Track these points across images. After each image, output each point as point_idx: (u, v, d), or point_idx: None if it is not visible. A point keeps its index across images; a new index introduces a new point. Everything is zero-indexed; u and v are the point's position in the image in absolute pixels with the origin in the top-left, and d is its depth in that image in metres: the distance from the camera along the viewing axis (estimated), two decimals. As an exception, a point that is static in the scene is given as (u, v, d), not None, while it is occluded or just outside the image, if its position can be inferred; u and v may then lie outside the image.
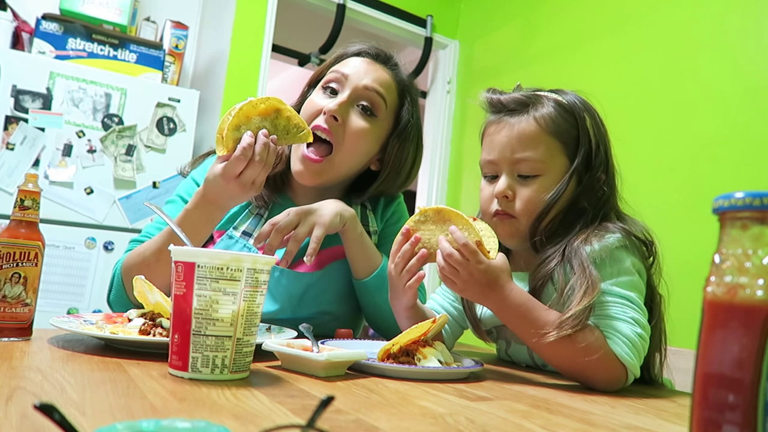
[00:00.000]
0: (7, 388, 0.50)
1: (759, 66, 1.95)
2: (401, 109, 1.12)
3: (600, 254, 0.81)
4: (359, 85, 1.05)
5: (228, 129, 0.88)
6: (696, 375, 0.38)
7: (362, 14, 3.11)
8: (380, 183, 1.13)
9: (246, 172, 0.88)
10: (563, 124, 0.88)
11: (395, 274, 0.88)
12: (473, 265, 0.78)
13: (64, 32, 2.36)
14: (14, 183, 2.15)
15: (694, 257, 1.63)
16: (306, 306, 1.07)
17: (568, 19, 2.72)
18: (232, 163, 0.87)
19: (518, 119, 0.89)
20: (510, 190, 0.88)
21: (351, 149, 1.05)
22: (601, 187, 0.89)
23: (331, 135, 1.03)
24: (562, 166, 0.88)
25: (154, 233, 1.04)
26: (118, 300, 1.01)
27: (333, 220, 0.99)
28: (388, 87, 1.09)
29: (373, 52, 1.11)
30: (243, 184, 0.89)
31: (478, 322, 0.97)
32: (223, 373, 0.61)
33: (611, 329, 0.76)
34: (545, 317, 0.78)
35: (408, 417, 0.54)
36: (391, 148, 1.11)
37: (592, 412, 0.64)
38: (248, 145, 0.87)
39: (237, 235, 1.06)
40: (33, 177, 0.79)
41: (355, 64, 1.09)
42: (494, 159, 0.90)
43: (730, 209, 0.37)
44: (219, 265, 0.60)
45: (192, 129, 2.46)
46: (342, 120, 1.04)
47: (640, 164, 2.21)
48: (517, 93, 0.92)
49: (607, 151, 0.91)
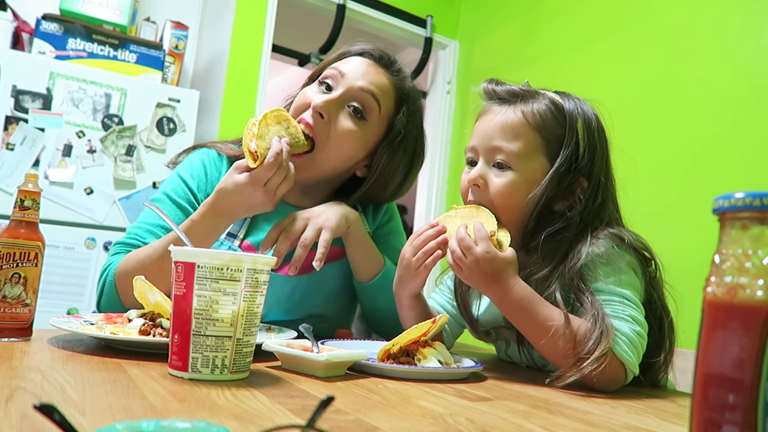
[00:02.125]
0: (7, 389, 0.50)
1: (759, 66, 1.94)
2: (396, 118, 1.07)
3: (595, 255, 0.81)
4: (354, 86, 1.01)
5: (258, 139, 0.90)
6: (696, 375, 0.38)
7: (362, 14, 3.11)
8: (365, 191, 1.08)
9: (273, 179, 0.88)
10: (550, 122, 0.87)
11: (410, 255, 0.89)
12: (481, 253, 0.79)
13: (64, 32, 2.36)
14: (14, 183, 2.15)
15: (694, 257, 1.63)
16: (295, 309, 1.06)
17: (568, 20, 2.72)
18: (263, 169, 0.87)
19: (505, 109, 0.88)
20: (481, 179, 0.87)
21: (334, 150, 1.01)
22: (581, 192, 0.87)
23: (314, 132, 1.00)
24: (539, 165, 0.86)
25: (143, 236, 1.00)
26: (109, 308, 0.97)
27: (339, 223, 0.97)
28: (385, 92, 1.04)
29: (376, 54, 1.07)
30: (269, 191, 0.89)
31: (475, 322, 0.97)
32: (223, 373, 0.61)
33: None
34: (547, 313, 0.78)
35: (408, 417, 0.54)
36: (379, 157, 1.06)
37: (592, 412, 0.64)
38: (280, 151, 0.88)
39: (222, 237, 1.03)
40: (33, 177, 0.79)
41: (356, 63, 1.05)
42: (474, 145, 0.90)
43: (730, 209, 0.37)
44: (219, 266, 0.60)
45: (192, 129, 2.46)
46: (328, 118, 1.00)
47: (640, 164, 2.20)
48: (515, 86, 0.91)
49: (595, 159, 0.88)
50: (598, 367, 0.73)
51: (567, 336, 0.76)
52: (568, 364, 0.76)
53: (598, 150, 0.89)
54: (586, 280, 0.81)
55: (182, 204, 1.03)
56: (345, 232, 1.00)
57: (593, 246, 0.82)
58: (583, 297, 0.80)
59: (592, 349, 0.73)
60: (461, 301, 0.97)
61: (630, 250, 0.84)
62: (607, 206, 0.89)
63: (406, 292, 0.93)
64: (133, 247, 0.98)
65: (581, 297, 0.80)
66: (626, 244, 0.83)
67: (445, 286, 1.08)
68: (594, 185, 0.87)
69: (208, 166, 1.08)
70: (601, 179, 0.88)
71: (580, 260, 0.82)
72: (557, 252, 0.85)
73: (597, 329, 0.75)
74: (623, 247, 0.83)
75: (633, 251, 0.84)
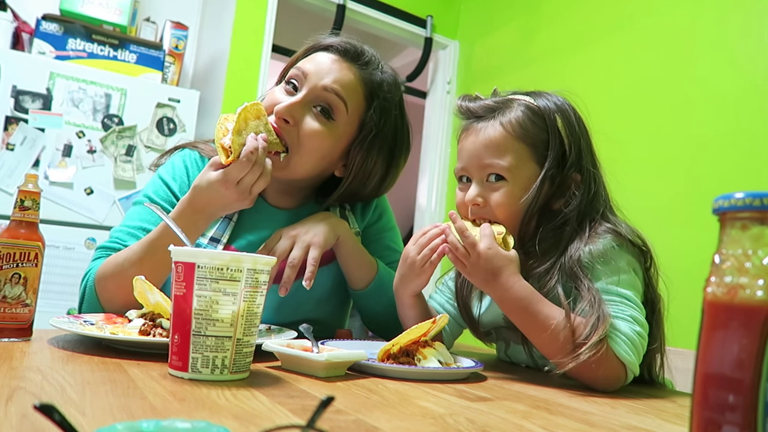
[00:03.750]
0: (7, 389, 0.50)
1: (759, 66, 1.94)
2: (367, 114, 1.01)
3: (596, 255, 0.82)
4: (318, 85, 0.96)
5: (234, 134, 0.87)
6: (696, 375, 0.38)
7: (362, 14, 3.11)
8: (343, 190, 1.05)
9: (246, 178, 0.86)
10: (531, 128, 0.88)
11: (415, 253, 0.89)
12: (484, 249, 0.80)
13: (64, 33, 2.36)
14: (14, 183, 2.15)
15: (694, 257, 1.63)
16: (285, 314, 1.04)
17: (568, 20, 2.72)
18: (236, 167, 0.85)
19: (485, 125, 0.89)
20: (480, 197, 0.88)
21: (306, 152, 0.97)
22: (575, 188, 0.88)
23: (283, 137, 0.96)
24: (531, 171, 0.88)
25: (124, 239, 0.98)
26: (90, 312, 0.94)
27: (328, 238, 0.96)
28: (351, 89, 0.98)
29: (342, 47, 1.01)
30: (242, 190, 0.87)
31: (475, 323, 0.97)
32: (223, 373, 0.61)
33: (610, 328, 0.76)
34: (547, 312, 0.78)
35: (408, 417, 0.54)
36: (353, 156, 1.02)
37: (592, 412, 0.64)
38: (254, 149, 0.85)
39: (205, 242, 1.01)
40: (33, 177, 0.79)
41: (320, 60, 0.99)
42: (465, 165, 0.91)
43: (730, 209, 0.37)
44: (219, 266, 0.60)
45: (192, 129, 2.46)
46: (294, 122, 0.95)
47: (641, 165, 2.21)
48: (489, 99, 0.92)
49: (582, 151, 0.89)
50: (595, 353, 0.73)
51: (566, 333, 0.76)
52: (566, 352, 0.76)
53: (582, 142, 0.90)
54: (585, 268, 0.81)
55: (164, 206, 1.01)
56: (334, 244, 0.98)
57: (593, 244, 0.83)
58: (580, 284, 0.80)
59: (589, 335, 0.74)
60: (463, 303, 0.97)
61: (629, 247, 0.84)
62: (600, 194, 0.91)
63: (408, 290, 0.93)
64: (114, 251, 0.96)
65: (579, 284, 0.80)
66: (625, 240, 0.83)
67: (445, 286, 1.08)
68: (586, 176, 0.89)
69: (190, 168, 1.06)
70: (590, 168, 0.90)
71: (578, 252, 0.83)
72: (557, 247, 0.86)
73: (594, 315, 0.75)
74: (623, 245, 0.83)
75: (631, 247, 0.84)
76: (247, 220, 1.05)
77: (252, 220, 1.05)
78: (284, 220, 1.05)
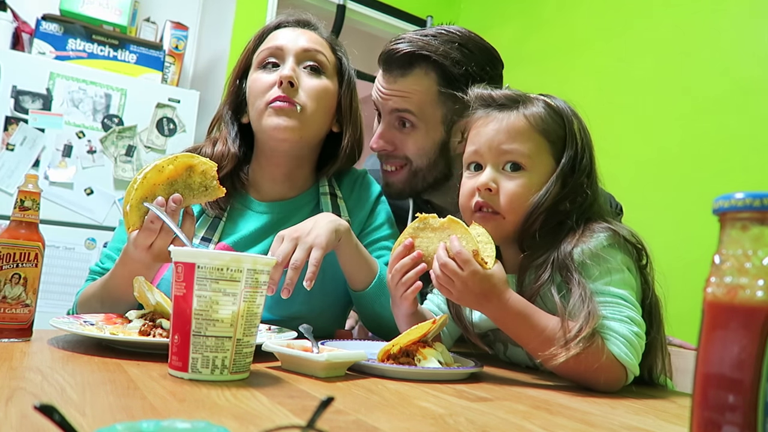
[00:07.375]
0: (7, 389, 0.50)
1: (758, 66, 1.95)
2: (341, 64, 1.13)
3: (589, 255, 0.81)
4: (298, 50, 1.06)
5: (132, 205, 0.82)
6: (696, 375, 0.38)
7: (362, 15, 3.11)
8: (347, 141, 1.12)
9: (156, 243, 0.84)
10: (552, 124, 0.89)
11: (392, 285, 0.88)
12: (468, 275, 0.77)
13: (64, 33, 2.36)
14: (14, 184, 2.15)
15: (694, 258, 1.63)
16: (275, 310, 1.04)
17: (566, 21, 2.72)
18: (141, 236, 0.84)
19: (507, 114, 0.89)
20: (494, 183, 0.87)
21: (314, 108, 1.05)
22: (585, 190, 0.88)
23: (291, 103, 1.03)
24: (548, 166, 0.88)
25: (104, 262, 1.04)
26: None
27: (330, 239, 0.95)
28: (323, 45, 1.10)
29: (293, 20, 1.12)
30: (156, 254, 0.86)
31: (470, 328, 0.96)
32: (223, 373, 0.61)
33: (608, 330, 0.76)
34: (545, 323, 0.78)
35: (408, 418, 0.54)
36: (345, 102, 1.12)
37: (592, 412, 0.64)
38: (155, 219, 0.83)
39: (197, 242, 1.02)
40: (33, 178, 0.79)
41: (283, 34, 1.09)
42: (480, 150, 0.90)
43: (730, 210, 0.37)
44: (219, 266, 0.60)
45: (192, 130, 2.46)
46: (298, 83, 1.04)
47: (640, 165, 2.21)
48: (509, 91, 0.93)
49: (591, 156, 0.91)
50: (587, 346, 0.73)
51: (560, 334, 0.76)
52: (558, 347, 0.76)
53: (592, 147, 0.91)
54: (577, 263, 0.81)
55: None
56: (336, 245, 0.99)
57: (586, 242, 0.82)
58: (571, 278, 0.80)
59: (581, 328, 0.74)
60: (454, 312, 0.96)
61: (622, 245, 0.84)
62: (598, 196, 0.91)
63: (401, 313, 0.92)
64: (99, 275, 1.02)
65: (569, 279, 0.80)
66: (619, 237, 0.83)
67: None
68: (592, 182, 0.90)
69: None
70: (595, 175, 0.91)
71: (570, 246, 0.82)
72: (553, 242, 0.86)
73: (585, 308, 0.75)
74: (616, 243, 0.83)
75: (625, 244, 0.84)
76: (238, 215, 1.09)
77: (243, 216, 1.09)
78: (275, 212, 1.10)
